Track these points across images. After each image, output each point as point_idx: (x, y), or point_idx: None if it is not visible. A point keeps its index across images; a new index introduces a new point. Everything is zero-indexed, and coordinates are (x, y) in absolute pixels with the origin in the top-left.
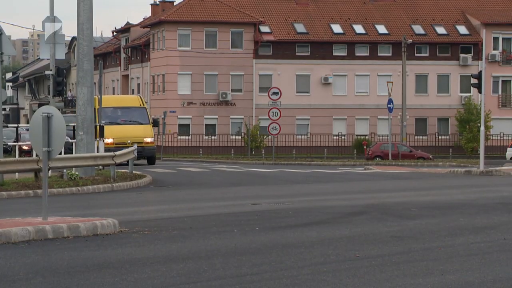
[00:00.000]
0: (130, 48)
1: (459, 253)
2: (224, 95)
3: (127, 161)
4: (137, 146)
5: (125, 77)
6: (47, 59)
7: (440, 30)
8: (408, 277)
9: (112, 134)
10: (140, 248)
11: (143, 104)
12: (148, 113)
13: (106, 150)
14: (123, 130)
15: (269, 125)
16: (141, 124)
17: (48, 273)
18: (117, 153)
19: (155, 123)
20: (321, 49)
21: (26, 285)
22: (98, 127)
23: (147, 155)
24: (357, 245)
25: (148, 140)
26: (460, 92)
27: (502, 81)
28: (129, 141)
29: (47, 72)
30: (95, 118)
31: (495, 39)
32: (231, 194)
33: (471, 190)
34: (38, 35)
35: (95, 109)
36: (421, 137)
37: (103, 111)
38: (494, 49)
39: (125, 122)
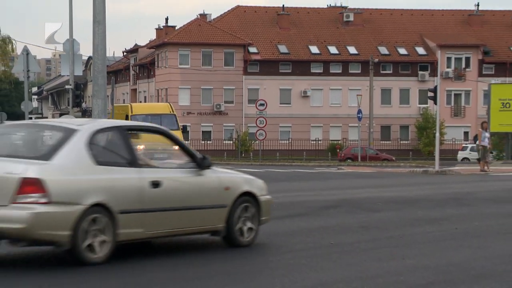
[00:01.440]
0: (138, 66)
1: (418, 241)
2: (218, 106)
3: None
4: None
5: (134, 90)
6: (67, 75)
7: (402, 51)
8: (374, 261)
9: (143, 140)
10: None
11: (173, 111)
12: (177, 120)
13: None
14: (153, 137)
15: (256, 132)
16: (171, 130)
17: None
18: None
19: (184, 129)
20: (300, 67)
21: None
22: None
23: None
24: (331, 234)
25: None
26: (419, 103)
27: (454, 94)
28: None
29: (67, 87)
30: None
31: (448, 59)
32: None
33: (428, 187)
34: (60, 55)
35: (126, 116)
36: (385, 142)
37: (134, 119)
38: (447, 67)
39: None
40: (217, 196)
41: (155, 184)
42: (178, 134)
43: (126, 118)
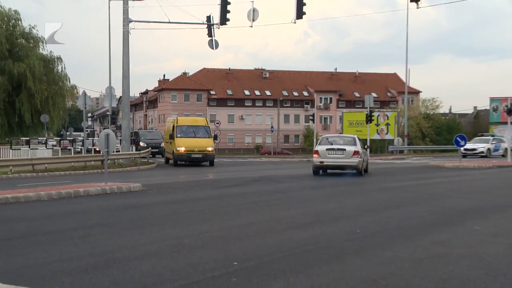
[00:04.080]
0: (148, 101)
1: (304, 199)
2: None
3: (146, 156)
4: (201, 153)
5: (145, 116)
6: (107, 107)
7: (295, 93)
8: (280, 210)
9: (184, 144)
10: (151, 198)
11: (207, 124)
12: (210, 130)
13: (179, 155)
14: (192, 142)
15: (214, 138)
16: (205, 138)
17: (106, 209)
18: (141, 152)
19: (215, 137)
20: (239, 102)
21: (97, 215)
22: (175, 138)
23: (209, 159)
24: (256, 195)
25: (209, 149)
26: (304, 122)
27: (323, 118)
28: (196, 149)
29: (107, 113)
30: (172, 133)
31: (320, 98)
32: (195, 171)
33: (309, 169)
34: (104, 95)
35: (173, 126)
36: (286, 144)
37: (179, 128)
38: (320, 103)
39: (194, 136)
40: None
41: None
42: (210, 141)
43: (173, 128)
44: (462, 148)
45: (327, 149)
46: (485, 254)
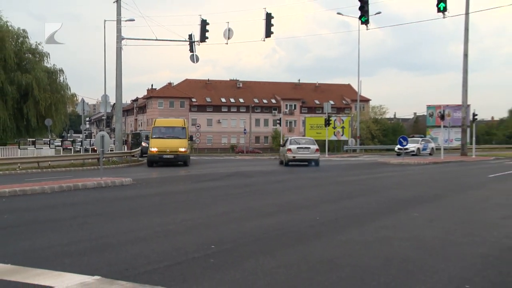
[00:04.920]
0: (138, 107)
1: (271, 191)
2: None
3: (137, 155)
4: (173, 153)
5: (136, 120)
6: (103, 112)
7: (265, 101)
8: (250, 201)
9: (156, 145)
10: (140, 190)
11: (184, 125)
12: (187, 131)
13: (152, 156)
14: (164, 143)
15: (195, 139)
16: (179, 138)
17: (101, 201)
18: (132, 150)
19: (191, 138)
20: (216, 108)
21: (93, 205)
22: (150, 139)
23: (181, 160)
24: (231, 188)
25: (182, 149)
26: (272, 126)
27: (289, 122)
28: (168, 150)
29: (103, 117)
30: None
31: (286, 105)
32: (178, 168)
33: (276, 166)
34: (100, 102)
35: (153, 128)
36: (257, 144)
37: (155, 129)
38: (286, 109)
39: (168, 137)
40: None
41: None
42: (183, 142)
43: (153, 129)
44: (396, 148)
45: (297, 148)
46: (422, 236)
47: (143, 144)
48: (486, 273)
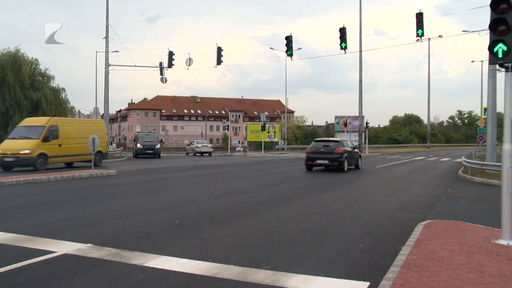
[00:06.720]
0: (121, 117)
1: (223, 179)
2: (150, 132)
3: (119, 152)
4: (14, 156)
5: (119, 126)
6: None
7: (217, 111)
8: (207, 187)
9: (2, 147)
10: (122, 179)
11: (47, 124)
12: (44, 131)
13: None
14: (9, 144)
15: (164, 140)
16: (29, 139)
17: (92, 187)
18: (115, 149)
19: (46, 139)
20: (181, 118)
21: (86, 191)
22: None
23: (22, 163)
24: (191, 177)
25: (26, 151)
26: (222, 131)
27: (234, 127)
28: (8, 152)
29: None
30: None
31: (233, 115)
32: (154, 162)
33: (225, 160)
34: (92, 113)
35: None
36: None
37: (14, 129)
38: (232, 118)
39: (20, 137)
40: None
41: None
42: (31, 143)
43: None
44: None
45: (202, 145)
46: (330, 210)
47: (138, 145)
48: (372, 235)
